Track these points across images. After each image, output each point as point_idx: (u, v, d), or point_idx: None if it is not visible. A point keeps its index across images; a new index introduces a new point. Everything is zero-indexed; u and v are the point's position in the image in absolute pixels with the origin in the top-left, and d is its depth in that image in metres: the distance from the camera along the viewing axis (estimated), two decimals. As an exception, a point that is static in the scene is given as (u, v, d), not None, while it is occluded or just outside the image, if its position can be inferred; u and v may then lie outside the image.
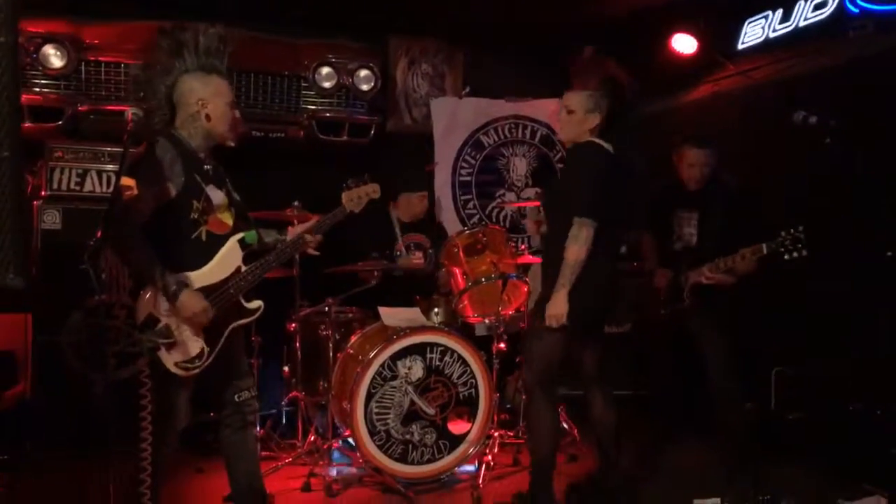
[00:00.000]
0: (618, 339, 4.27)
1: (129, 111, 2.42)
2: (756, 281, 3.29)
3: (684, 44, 4.50)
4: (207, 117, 2.53)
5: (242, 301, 2.61)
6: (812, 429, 3.50)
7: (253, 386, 2.71)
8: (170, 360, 2.44)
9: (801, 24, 3.94)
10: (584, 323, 2.85)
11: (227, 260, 2.56)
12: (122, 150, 2.38)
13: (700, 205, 3.51)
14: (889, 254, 2.62)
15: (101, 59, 3.95)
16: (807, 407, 3.59)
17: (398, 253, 4.23)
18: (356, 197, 2.85)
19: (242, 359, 2.73)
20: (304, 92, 4.37)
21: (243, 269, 2.59)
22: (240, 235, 2.60)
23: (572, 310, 2.76)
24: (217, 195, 2.57)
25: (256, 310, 2.66)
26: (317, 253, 2.87)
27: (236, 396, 2.65)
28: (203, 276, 2.50)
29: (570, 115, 2.99)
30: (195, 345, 2.48)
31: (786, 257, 3.06)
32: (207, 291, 2.48)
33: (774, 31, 4.13)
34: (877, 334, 3.29)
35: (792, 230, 3.06)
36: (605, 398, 3.02)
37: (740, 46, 4.36)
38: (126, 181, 2.31)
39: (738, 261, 3.20)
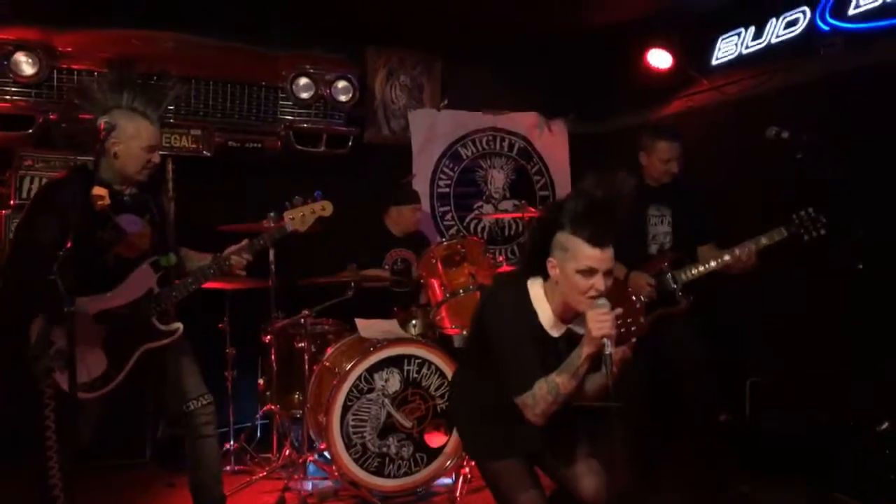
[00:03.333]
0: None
1: (101, 120, 2.43)
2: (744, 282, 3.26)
3: (659, 59, 4.55)
4: (115, 155, 2.57)
5: (157, 323, 2.62)
6: (785, 439, 3.53)
7: (204, 395, 2.70)
8: (66, 381, 2.41)
9: (774, 41, 4.02)
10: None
11: (136, 282, 2.59)
12: (93, 158, 2.40)
13: (671, 202, 3.43)
14: (860, 266, 2.66)
15: (73, 66, 3.89)
16: (780, 418, 3.63)
17: (385, 267, 4.20)
18: (299, 215, 2.86)
19: (188, 375, 2.72)
20: (281, 102, 4.34)
21: (156, 291, 2.61)
22: (153, 259, 2.63)
23: None
24: (131, 222, 2.60)
25: (173, 332, 2.65)
26: (243, 273, 2.85)
27: (184, 407, 2.66)
28: (107, 299, 2.54)
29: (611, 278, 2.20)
30: (97, 366, 2.49)
31: (805, 238, 3.01)
32: (112, 314, 2.52)
33: (747, 47, 4.20)
34: (848, 346, 3.34)
35: (803, 212, 3.02)
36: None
37: (714, 62, 4.43)
38: (98, 191, 2.29)
39: (749, 248, 3.08)
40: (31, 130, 3.83)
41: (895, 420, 3.02)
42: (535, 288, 2.11)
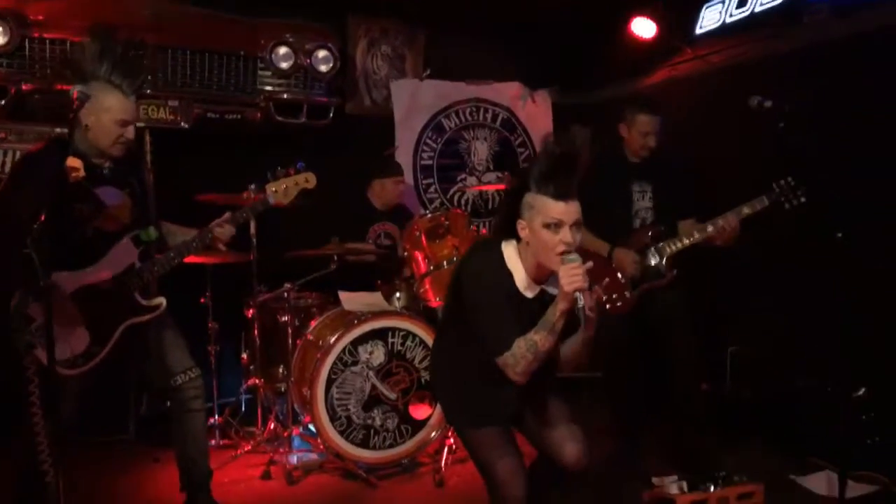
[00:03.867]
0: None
1: (75, 90, 2.38)
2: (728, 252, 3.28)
3: (644, 28, 4.50)
4: (87, 127, 2.51)
5: (139, 298, 2.59)
6: (765, 407, 3.59)
7: (191, 369, 2.69)
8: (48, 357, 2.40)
9: (758, 9, 3.98)
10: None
11: (117, 257, 2.55)
12: (68, 130, 2.35)
13: (651, 177, 3.43)
14: (839, 235, 2.68)
15: (45, 35, 3.77)
16: (760, 385, 3.68)
17: (368, 240, 4.17)
18: (282, 188, 2.81)
19: (174, 350, 2.70)
20: (260, 73, 4.25)
21: (137, 265, 2.57)
22: (134, 233, 2.59)
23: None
24: (112, 195, 2.56)
25: (156, 307, 2.63)
26: (224, 248, 2.82)
27: (171, 382, 2.65)
28: (87, 274, 2.50)
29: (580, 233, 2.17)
30: (79, 343, 2.47)
31: (786, 206, 3.05)
32: (93, 289, 2.49)
33: (731, 15, 4.16)
34: (828, 313, 3.37)
35: (783, 181, 3.05)
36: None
37: (698, 31, 4.39)
38: (72, 162, 2.24)
39: (732, 219, 3.12)
40: (2, 102, 3.73)
41: (871, 386, 3.07)
42: (509, 250, 2.14)
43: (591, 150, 2.08)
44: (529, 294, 2.14)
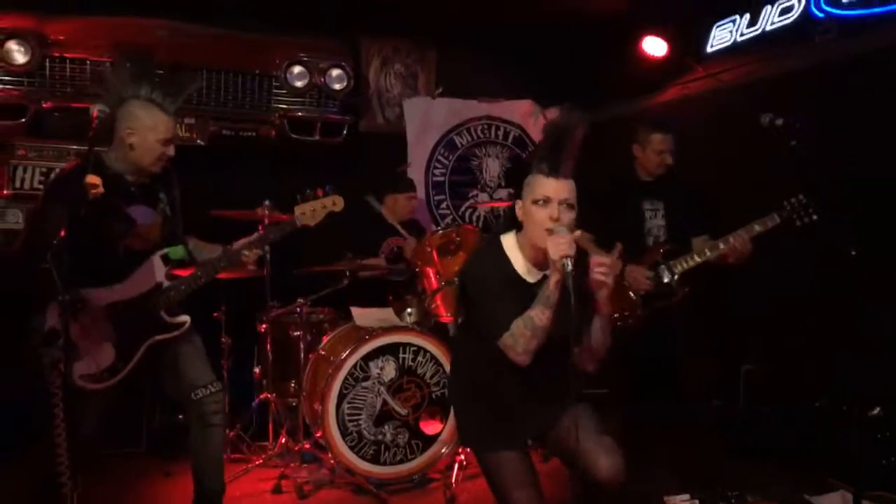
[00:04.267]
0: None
1: (95, 108, 2.43)
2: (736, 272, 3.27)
3: (654, 46, 4.54)
4: (131, 146, 2.56)
5: (165, 316, 2.61)
6: (780, 426, 3.56)
7: (213, 383, 2.70)
8: (74, 372, 2.45)
9: (768, 28, 4.01)
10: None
11: (146, 275, 2.58)
12: (87, 148, 2.39)
13: (663, 195, 3.44)
14: (852, 252, 2.67)
15: (66, 55, 3.87)
16: (774, 404, 3.65)
17: (382, 254, 4.19)
18: (310, 210, 2.84)
19: (196, 363, 2.71)
20: (275, 91, 4.34)
21: (165, 284, 2.60)
22: (163, 251, 2.62)
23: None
24: (144, 213, 2.60)
25: (181, 325, 2.64)
26: (253, 268, 2.85)
27: (192, 395, 2.65)
28: (116, 291, 2.54)
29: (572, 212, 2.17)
30: (105, 358, 2.50)
31: (797, 224, 3.05)
32: (121, 306, 2.52)
33: (742, 34, 4.19)
34: (842, 331, 3.35)
35: (794, 199, 3.06)
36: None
37: (709, 50, 4.42)
38: (92, 179, 2.28)
39: (744, 236, 3.11)
40: (23, 119, 3.82)
41: (886, 405, 3.04)
42: (508, 240, 2.18)
43: (583, 130, 2.11)
44: (531, 279, 2.15)
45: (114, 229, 2.52)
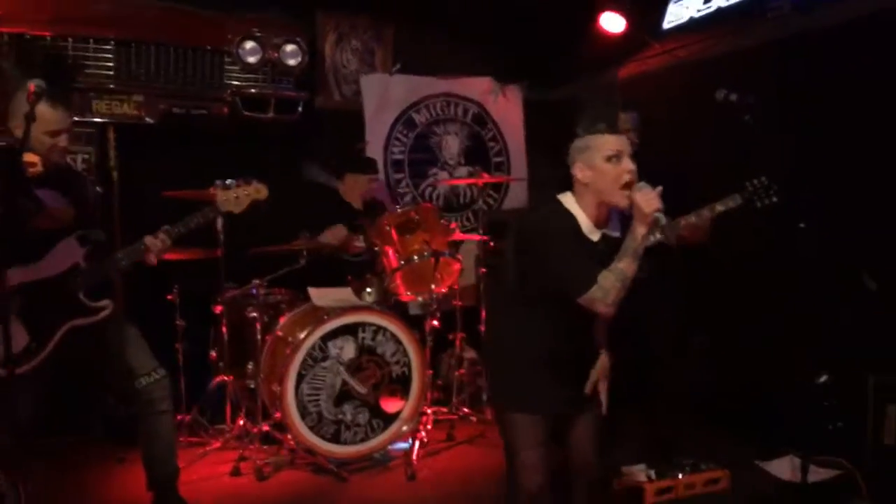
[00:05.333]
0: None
1: (32, 83, 2.33)
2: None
3: (613, 22, 4.54)
4: (25, 136, 2.44)
5: (84, 299, 2.55)
6: (731, 396, 3.65)
7: (156, 370, 2.66)
8: None
9: (723, 4, 4.03)
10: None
11: (60, 256, 2.53)
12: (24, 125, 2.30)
13: None
14: (801, 225, 2.73)
15: (2, 30, 3.69)
16: (726, 376, 3.73)
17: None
18: (233, 197, 2.79)
19: (135, 352, 2.67)
20: (227, 67, 4.21)
21: (83, 265, 2.54)
22: (80, 233, 2.56)
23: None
24: (52, 197, 2.53)
25: (101, 309, 2.58)
26: (154, 263, 2.71)
27: (136, 384, 2.61)
28: (29, 271, 2.47)
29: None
30: (18, 341, 2.42)
31: (758, 205, 3.09)
32: (34, 287, 2.46)
33: (698, 11, 4.21)
34: (792, 303, 3.43)
35: (755, 180, 3.09)
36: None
37: (666, 26, 4.43)
38: (30, 157, 2.19)
39: (704, 215, 3.18)
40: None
41: (833, 373, 3.13)
42: (567, 199, 2.18)
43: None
44: (594, 237, 2.16)
45: (22, 208, 2.43)
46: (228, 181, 2.82)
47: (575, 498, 2.31)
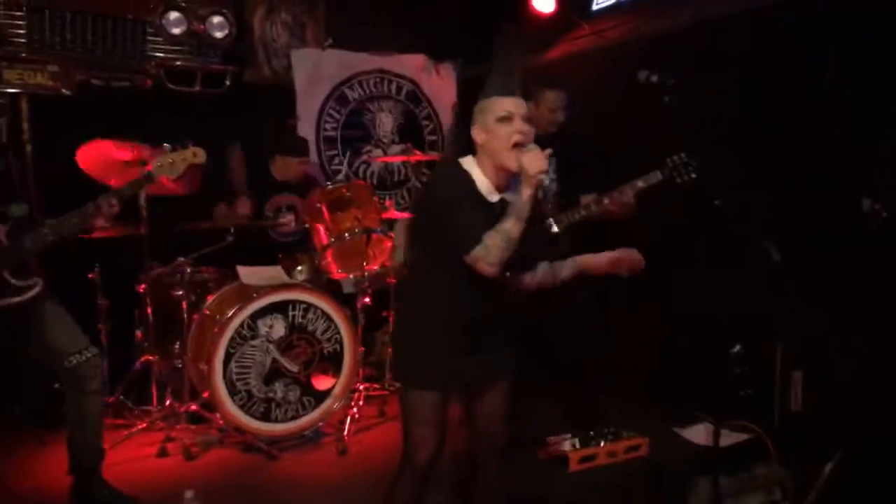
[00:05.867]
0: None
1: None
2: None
3: (544, 2, 4.59)
4: None
5: (10, 278, 2.46)
6: (650, 366, 3.80)
7: (86, 348, 2.60)
8: None
9: (649, -14, 4.14)
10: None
11: None
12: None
13: (555, 151, 3.56)
14: (716, 202, 2.85)
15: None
16: (645, 347, 3.89)
17: (269, 214, 4.06)
18: (168, 162, 2.71)
19: (64, 330, 2.60)
20: (150, 38, 4.07)
21: (5, 243, 2.45)
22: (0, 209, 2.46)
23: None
24: None
25: (30, 287, 2.49)
26: (108, 225, 2.70)
27: (66, 363, 2.55)
28: None
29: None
30: None
31: (678, 181, 3.19)
32: None
33: (626, -8, 4.31)
34: (707, 276, 3.59)
35: (675, 157, 3.19)
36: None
37: (595, 7, 4.52)
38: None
39: (627, 191, 3.20)
40: None
41: (746, 343, 3.30)
42: (467, 161, 2.19)
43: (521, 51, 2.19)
44: (492, 199, 2.16)
45: None
46: (164, 144, 2.73)
47: (484, 468, 2.33)
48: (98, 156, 3.26)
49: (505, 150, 2.08)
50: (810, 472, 2.73)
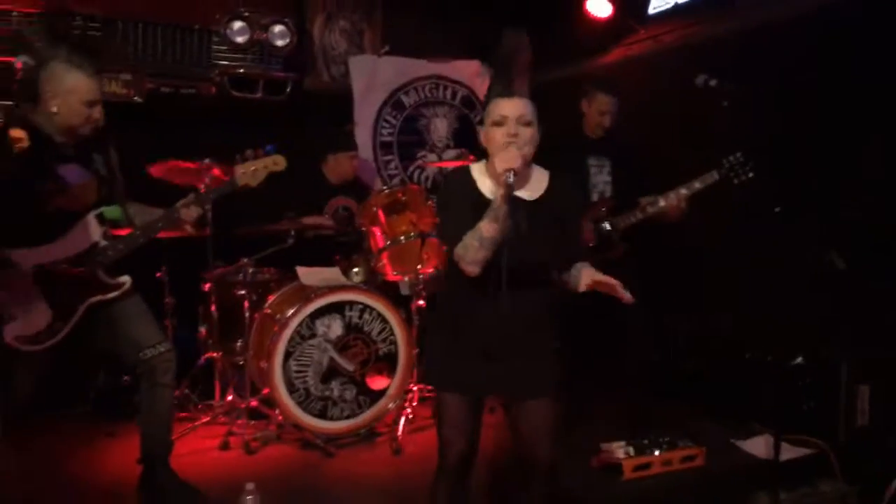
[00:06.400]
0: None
1: (18, 60, 2.36)
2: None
3: (599, 7, 4.57)
4: (56, 110, 2.51)
5: (103, 276, 2.59)
6: (711, 379, 3.73)
7: (161, 342, 2.70)
8: (10, 333, 2.43)
9: (706, -10, 4.09)
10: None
11: (80, 235, 2.56)
12: (11, 103, 2.33)
13: (610, 153, 3.52)
14: (776, 209, 2.80)
15: (21, 10, 3.68)
16: (707, 360, 3.81)
17: (326, 216, 4.16)
18: (251, 170, 2.82)
19: (142, 324, 2.71)
20: (215, 47, 4.22)
21: (102, 244, 2.57)
22: (98, 211, 2.59)
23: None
24: (76, 174, 2.56)
25: (120, 285, 2.64)
26: (192, 229, 2.84)
27: (141, 355, 2.65)
28: (48, 251, 2.51)
29: (530, 128, 2.16)
30: (41, 319, 2.48)
31: (735, 181, 3.15)
32: (56, 266, 2.51)
33: (682, -3, 4.26)
34: (770, 287, 3.51)
35: (732, 157, 3.15)
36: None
37: (651, 11, 4.48)
38: (15, 133, 2.23)
39: (684, 193, 3.20)
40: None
41: (808, 355, 3.22)
42: (476, 166, 2.23)
43: (528, 49, 2.21)
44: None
45: (44, 189, 2.47)
46: (248, 152, 2.83)
47: (527, 486, 2.26)
48: (168, 169, 3.42)
49: (499, 152, 2.09)
50: (876, 489, 2.65)
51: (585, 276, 2.10)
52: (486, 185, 2.18)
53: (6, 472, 2.18)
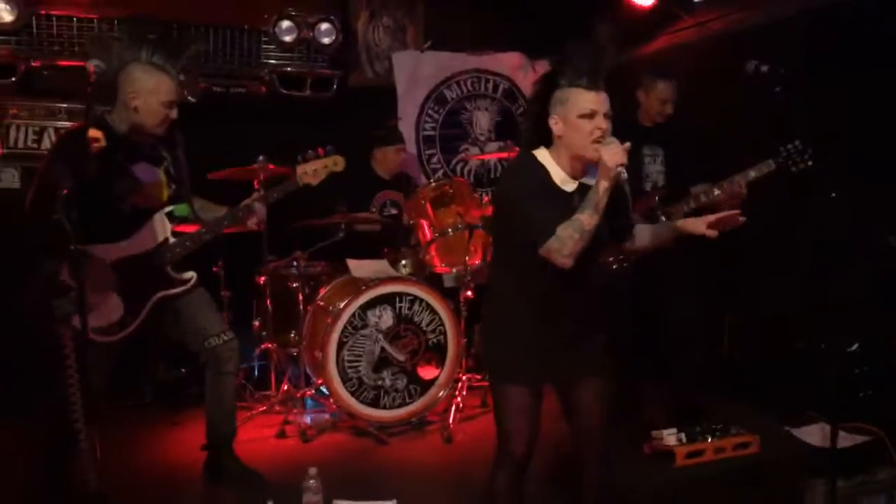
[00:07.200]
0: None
1: (90, 64, 2.44)
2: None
3: (643, -4, 4.54)
4: (136, 110, 2.61)
5: (171, 271, 2.70)
6: (764, 368, 3.69)
7: (225, 332, 2.80)
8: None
9: (753, -24, 4.02)
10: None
11: (151, 232, 2.67)
12: (82, 105, 2.45)
13: (663, 142, 3.51)
14: (832, 195, 2.76)
15: (52, 12, 3.84)
16: (759, 349, 3.78)
17: (373, 209, 4.25)
18: (312, 170, 2.91)
19: (207, 313, 2.81)
20: (264, 46, 4.31)
21: (171, 240, 2.68)
22: (168, 209, 2.70)
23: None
24: (147, 172, 2.68)
25: (187, 280, 2.74)
26: (256, 226, 2.92)
27: (206, 343, 2.75)
28: (123, 247, 2.62)
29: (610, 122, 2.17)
30: (114, 312, 2.59)
31: (793, 170, 3.10)
32: (128, 262, 2.61)
33: (729, -18, 4.20)
34: (822, 274, 3.46)
35: (790, 145, 3.10)
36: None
37: (696, -1, 4.43)
38: (93, 133, 2.32)
39: (739, 181, 3.15)
40: (13, 78, 3.80)
41: (864, 341, 3.17)
42: (541, 153, 2.18)
43: (614, 45, 2.17)
44: (568, 188, 2.16)
45: (119, 187, 2.59)
46: (309, 152, 2.93)
47: (584, 467, 2.29)
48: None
49: (586, 144, 2.06)
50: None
51: (697, 222, 2.26)
52: (556, 172, 2.14)
53: (88, 461, 2.29)
